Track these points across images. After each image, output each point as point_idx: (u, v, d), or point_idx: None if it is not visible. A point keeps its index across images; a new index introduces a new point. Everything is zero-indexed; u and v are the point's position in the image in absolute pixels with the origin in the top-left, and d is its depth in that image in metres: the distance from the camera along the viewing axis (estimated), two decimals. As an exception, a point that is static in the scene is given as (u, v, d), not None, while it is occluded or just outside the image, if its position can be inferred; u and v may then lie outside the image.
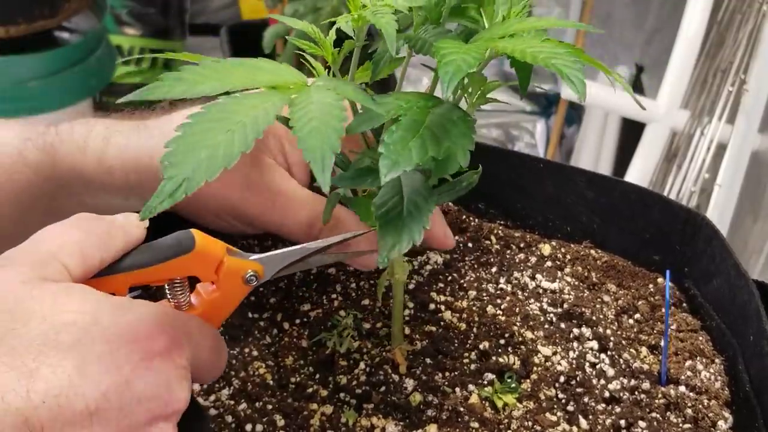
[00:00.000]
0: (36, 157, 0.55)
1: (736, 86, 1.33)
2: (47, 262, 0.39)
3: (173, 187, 0.36)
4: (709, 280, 0.59)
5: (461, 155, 0.41)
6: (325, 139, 0.37)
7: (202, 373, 0.42)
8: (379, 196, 0.44)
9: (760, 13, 1.33)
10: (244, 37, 1.72)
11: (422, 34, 0.46)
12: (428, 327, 0.55)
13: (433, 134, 0.40)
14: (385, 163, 0.39)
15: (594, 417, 0.51)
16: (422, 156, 0.39)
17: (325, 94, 0.40)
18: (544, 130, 2.00)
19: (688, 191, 1.32)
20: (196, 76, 0.41)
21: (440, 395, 0.51)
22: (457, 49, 0.40)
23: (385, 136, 0.40)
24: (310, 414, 0.49)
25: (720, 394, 0.53)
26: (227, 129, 0.38)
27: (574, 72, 0.38)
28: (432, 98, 0.44)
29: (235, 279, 0.44)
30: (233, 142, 0.37)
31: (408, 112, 0.41)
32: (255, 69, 0.43)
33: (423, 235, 0.43)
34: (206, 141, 0.37)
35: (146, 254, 0.42)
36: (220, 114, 0.39)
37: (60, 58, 1.50)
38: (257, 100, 0.39)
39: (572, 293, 0.60)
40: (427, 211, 0.43)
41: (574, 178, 0.65)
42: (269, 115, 0.38)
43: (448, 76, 0.38)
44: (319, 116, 0.38)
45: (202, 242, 0.43)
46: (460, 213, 0.65)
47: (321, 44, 0.46)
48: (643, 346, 0.57)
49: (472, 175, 0.49)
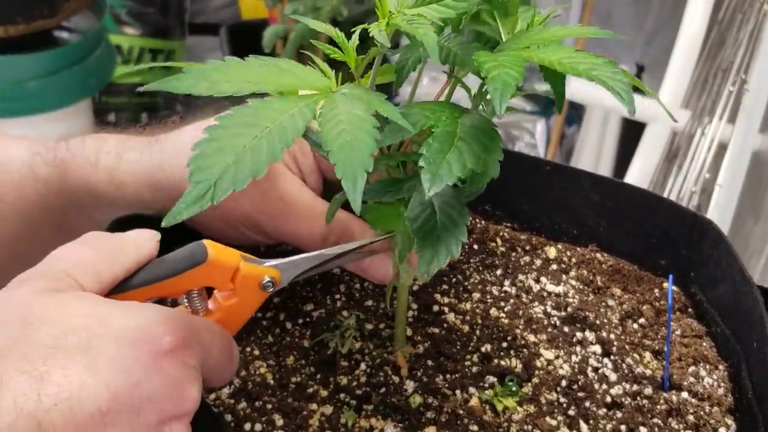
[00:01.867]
0: (46, 172, 0.55)
1: (736, 86, 1.33)
2: (61, 278, 0.40)
3: (200, 193, 0.36)
4: (714, 286, 0.59)
5: (493, 168, 0.41)
6: (358, 156, 0.37)
7: (212, 375, 0.42)
8: (410, 209, 0.44)
9: (761, 13, 1.33)
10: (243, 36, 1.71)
11: (446, 43, 0.46)
12: (431, 329, 0.55)
13: (468, 146, 0.40)
14: (426, 177, 0.39)
15: (595, 422, 0.51)
16: (462, 169, 0.39)
17: (354, 105, 0.39)
18: (544, 130, 2.00)
19: (688, 191, 1.32)
20: (221, 75, 0.41)
21: (440, 397, 0.51)
22: (495, 62, 0.40)
23: (424, 148, 0.39)
24: (310, 414, 0.49)
25: (723, 401, 0.53)
26: (254, 135, 0.37)
27: (619, 84, 0.38)
28: (455, 107, 0.44)
29: (251, 286, 0.44)
30: (261, 150, 0.37)
31: (438, 123, 0.41)
32: (280, 71, 0.42)
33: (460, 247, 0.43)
34: (233, 147, 0.37)
35: (160, 268, 0.43)
36: (246, 118, 0.38)
37: (59, 57, 1.50)
38: (284, 105, 0.39)
39: (577, 297, 0.59)
40: (463, 224, 0.43)
41: (581, 181, 0.65)
42: (298, 126, 0.38)
43: (498, 93, 0.38)
44: (349, 129, 0.38)
45: (216, 252, 0.43)
46: (466, 215, 0.65)
47: (344, 49, 0.45)
48: (647, 351, 0.56)
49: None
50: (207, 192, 0.36)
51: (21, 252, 0.57)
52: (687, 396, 0.53)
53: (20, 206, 0.55)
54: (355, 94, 0.41)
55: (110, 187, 0.53)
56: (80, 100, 1.58)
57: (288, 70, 0.43)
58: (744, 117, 1.32)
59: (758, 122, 1.35)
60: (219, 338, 0.43)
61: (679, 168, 1.36)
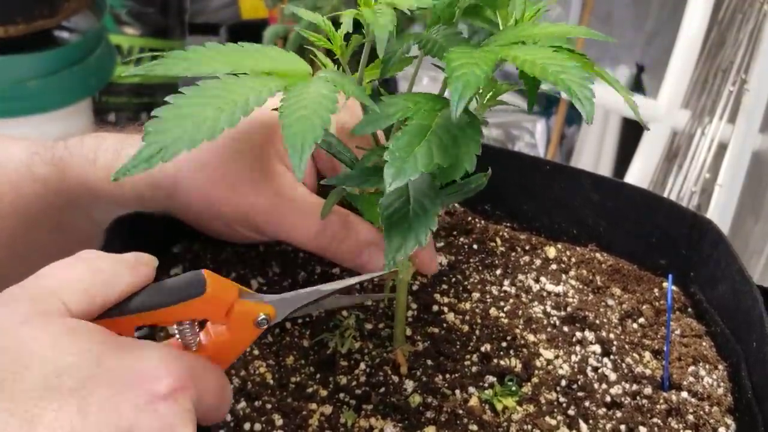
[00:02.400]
0: (44, 171, 0.54)
1: (737, 86, 1.33)
2: (46, 299, 0.38)
3: (150, 153, 0.36)
4: (714, 285, 0.59)
5: (468, 161, 0.40)
6: (309, 127, 0.37)
7: (206, 414, 0.41)
8: (385, 197, 0.43)
9: (761, 13, 1.33)
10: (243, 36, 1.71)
11: (433, 35, 0.45)
12: (430, 328, 0.55)
13: (439, 140, 0.40)
14: (389, 171, 0.38)
15: (594, 421, 0.51)
16: (428, 164, 0.39)
17: (323, 86, 0.39)
18: (544, 130, 2.00)
19: (688, 191, 1.32)
20: (201, 57, 0.41)
21: (440, 397, 0.51)
22: (467, 60, 0.39)
23: (392, 142, 0.39)
24: (309, 414, 0.49)
25: (722, 401, 0.53)
26: (218, 106, 0.37)
27: (583, 90, 0.38)
28: (441, 100, 0.43)
29: (246, 322, 0.43)
30: (219, 119, 0.37)
31: (415, 115, 0.41)
32: (262, 55, 0.42)
33: (429, 237, 0.42)
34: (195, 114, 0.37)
35: (156, 296, 0.41)
36: (215, 90, 0.38)
37: (59, 57, 1.50)
38: (256, 82, 0.39)
39: (576, 296, 0.59)
40: (434, 214, 0.43)
41: (581, 181, 0.65)
42: (261, 98, 0.38)
43: (458, 93, 0.38)
44: (310, 105, 0.38)
45: (214, 285, 0.42)
46: (466, 214, 0.65)
47: (331, 37, 0.45)
48: (647, 351, 0.56)
49: (480, 177, 0.49)
50: (159, 152, 0.36)
51: (20, 251, 0.57)
52: (686, 396, 0.53)
53: (18, 206, 0.55)
54: (331, 78, 0.40)
55: (109, 185, 0.53)
56: (80, 100, 1.58)
57: (269, 55, 0.42)
58: (744, 117, 1.32)
59: (758, 122, 1.36)
60: (214, 378, 0.41)
61: (679, 168, 1.36)
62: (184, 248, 0.59)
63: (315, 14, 0.46)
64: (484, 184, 0.49)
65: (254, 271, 0.58)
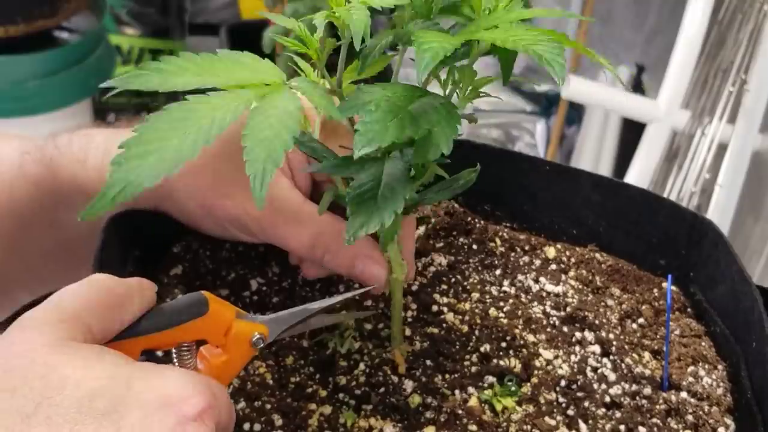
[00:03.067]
0: (35, 171, 0.55)
1: (737, 86, 1.33)
2: (71, 322, 0.39)
3: (114, 192, 0.37)
4: (714, 286, 0.59)
5: (443, 142, 0.40)
6: (271, 152, 0.37)
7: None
8: (357, 180, 0.43)
9: (761, 13, 1.33)
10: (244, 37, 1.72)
11: (411, 28, 0.45)
12: (430, 329, 0.55)
13: (412, 117, 0.40)
14: (360, 138, 0.39)
15: (594, 422, 0.51)
16: (399, 134, 0.39)
17: (290, 100, 0.39)
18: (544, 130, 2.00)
19: (688, 191, 1.32)
20: (175, 68, 0.40)
21: (439, 397, 0.51)
22: (437, 39, 0.40)
23: (365, 115, 0.39)
24: (309, 414, 0.49)
25: (722, 401, 0.53)
26: (184, 131, 0.38)
27: (553, 56, 0.38)
28: (420, 90, 0.43)
29: (242, 342, 0.44)
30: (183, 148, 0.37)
31: (392, 99, 0.41)
32: (235, 64, 0.42)
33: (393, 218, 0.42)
34: (159, 143, 0.37)
35: (160, 318, 0.42)
36: (181, 113, 0.38)
37: (59, 58, 1.50)
38: (221, 101, 0.39)
39: (576, 297, 0.59)
40: (401, 196, 0.43)
41: (581, 181, 0.65)
42: (226, 119, 0.38)
43: (424, 62, 0.38)
44: (276, 124, 0.38)
45: (215, 306, 0.43)
46: (466, 215, 0.65)
47: (306, 42, 0.45)
48: (646, 351, 0.56)
49: (469, 173, 0.49)
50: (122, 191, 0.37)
51: (16, 250, 0.58)
52: (686, 396, 0.53)
53: (12, 206, 0.55)
54: (301, 87, 0.40)
55: (100, 184, 0.52)
56: (80, 100, 1.58)
57: (245, 64, 0.42)
58: (744, 117, 1.32)
59: (758, 122, 1.35)
60: (225, 397, 0.42)
61: (679, 168, 1.36)
62: (183, 248, 0.59)
63: (290, 20, 0.46)
64: (473, 179, 0.49)
65: (254, 271, 0.58)
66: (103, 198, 0.37)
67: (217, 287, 0.57)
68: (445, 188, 0.49)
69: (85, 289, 0.41)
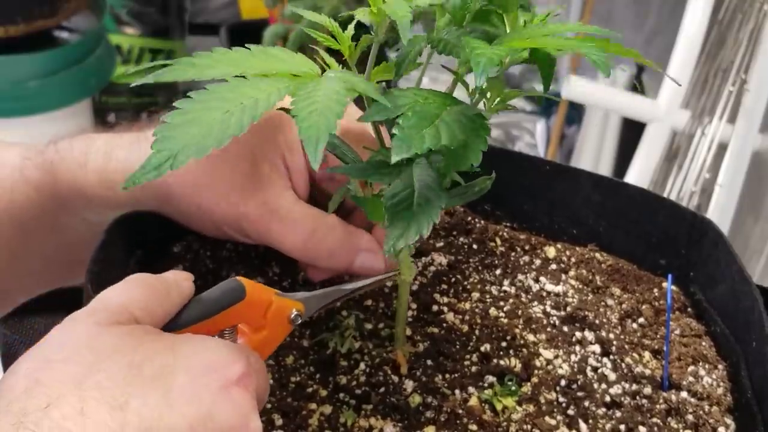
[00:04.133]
0: (36, 176, 0.55)
1: (737, 86, 1.33)
2: (120, 313, 0.40)
3: (160, 161, 0.37)
4: (714, 285, 0.59)
5: (474, 154, 0.41)
6: (323, 119, 0.37)
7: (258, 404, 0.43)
8: (391, 188, 0.44)
9: (761, 13, 1.33)
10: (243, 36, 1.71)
11: (445, 36, 0.46)
12: (430, 329, 0.55)
13: (447, 126, 0.41)
14: (397, 144, 0.39)
15: (594, 421, 0.51)
16: (435, 143, 0.39)
17: (334, 83, 0.40)
18: (544, 130, 2.00)
19: (688, 191, 1.32)
20: (209, 61, 0.41)
21: (439, 397, 0.51)
22: (485, 47, 0.41)
23: (401, 120, 0.40)
24: (309, 414, 0.49)
25: (722, 401, 0.53)
26: (226, 109, 0.38)
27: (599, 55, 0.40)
28: (450, 97, 0.44)
29: (281, 319, 0.46)
30: (229, 124, 0.37)
31: (426, 104, 0.42)
32: (270, 57, 0.43)
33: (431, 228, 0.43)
34: (202, 119, 0.37)
35: (200, 307, 0.43)
36: (224, 93, 0.39)
37: (59, 57, 1.50)
38: (265, 84, 0.39)
39: (576, 296, 0.59)
40: (438, 206, 0.43)
41: (581, 181, 0.65)
42: (270, 100, 0.39)
43: (480, 66, 0.39)
44: (322, 101, 0.38)
45: (252, 289, 0.44)
46: (466, 214, 0.65)
47: (338, 38, 0.46)
48: (646, 351, 0.56)
49: (484, 180, 0.49)
50: (167, 160, 0.36)
51: (17, 255, 0.58)
52: (686, 395, 0.53)
53: (13, 211, 0.56)
54: (340, 76, 0.41)
55: (101, 188, 0.53)
56: (80, 100, 1.58)
57: (277, 56, 0.43)
58: (744, 117, 1.32)
59: (758, 122, 1.35)
60: (263, 370, 0.44)
61: (679, 168, 1.36)
62: (183, 248, 0.59)
63: (320, 15, 0.46)
64: (488, 187, 0.49)
65: (254, 271, 0.58)
66: (147, 166, 0.37)
67: (217, 287, 0.57)
68: (461, 194, 0.49)
69: (126, 285, 0.42)
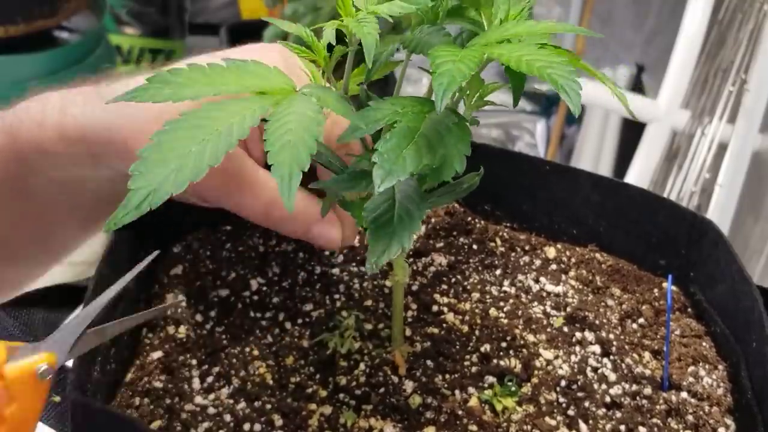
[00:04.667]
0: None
1: (737, 86, 1.33)
2: None
3: (139, 200, 0.37)
4: (714, 285, 0.59)
5: (457, 161, 0.41)
6: (296, 156, 0.37)
7: None
8: (371, 201, 0.43)
9: (761, 13, 1.33)
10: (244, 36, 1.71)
11: (418, 35, 0.45)
12: (430, 329, 0.55)
13: (427, 141, 0.40)
14: (378, 173, 0.39)
15: (594, 422, 0.51)
16: (416, 165, 0.39)
17: (307, 105, 0.39)
18: (544, 130, 2.00)
19: (688, 191, 1.32)
20: (185, 80, 0.41)
21: (439, 397, 0.51)
22: (453, 57, 0.40)
23: (380, 144, 0.39)
24: (309, 414, 0.49)
25: (722, 401, 0.53)
26: (201, 138, 0.38)
27: (569, 83, 0.38)
28: (429, 102, 0.43)
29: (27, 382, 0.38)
30: (204, 154, 0.37)
31: (403, 118, 0.41)
32: (244, 73, 0.42)
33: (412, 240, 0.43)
34: (178, 151, 0.37)
35: None
36: (197, 121, 0.38)
37: (59, 57, 1.50)
38: (238, 107, 0.39)
39: (576, 297, 0.59)
40: (418, 218, 0.43)
41: (581, 181, 0.65)
42: (245, 126, 0.38)
43: (441, 89, 0.38)
44: (295, 129, 0.38)
45: None
46: (466, 214, 0.65)
47: (314, 48, 0.46)
48: (646, 351, 0.56)
49: (473, 177, 0.49)
50: (146, 198, 0.36)
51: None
52: (686, 396, 0.53)
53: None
54: (314, 93, 0.41)
55: (60, 144, 0.52)
56: (80, 100, 1.58)
57: (253, 71, 0.42)
58: (744, 117, 1.32)
59: (758, 122, 1.35)
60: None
61: (679, 168, 1.36)
62: (183, 248, 0.59)
63: (297, 26, 0.46)
64: (477, 183, 0.49)
65: (254, 271, 0.58)
66: (127, 205, 0.36)
67: (217, 287, 0.57)
68: (449, 192, 0.49)
69: None
